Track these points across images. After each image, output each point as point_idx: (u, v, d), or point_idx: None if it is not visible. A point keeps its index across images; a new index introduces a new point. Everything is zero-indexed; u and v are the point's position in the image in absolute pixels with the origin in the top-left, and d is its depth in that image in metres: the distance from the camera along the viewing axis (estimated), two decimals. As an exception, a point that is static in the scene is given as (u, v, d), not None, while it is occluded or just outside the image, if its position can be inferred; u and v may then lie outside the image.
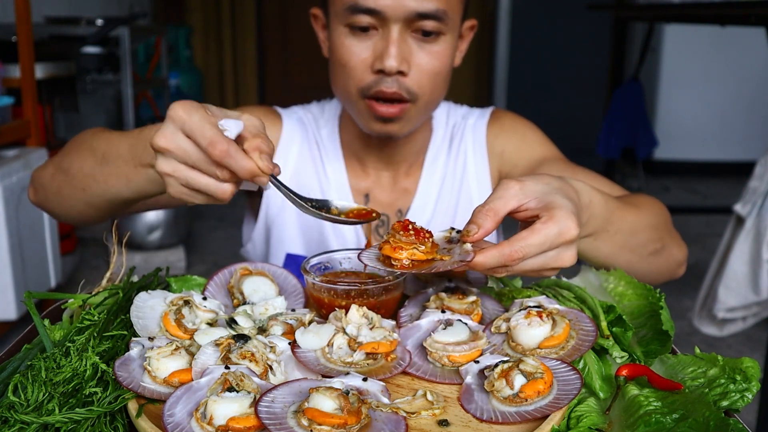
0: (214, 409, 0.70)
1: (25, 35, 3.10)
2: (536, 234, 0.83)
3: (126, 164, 1.04)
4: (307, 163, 1.42)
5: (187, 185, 0.86)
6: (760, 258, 2.74)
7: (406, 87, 1.22)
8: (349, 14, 1.20)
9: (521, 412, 0.74)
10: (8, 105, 3.05)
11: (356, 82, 1.23)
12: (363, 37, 1.21)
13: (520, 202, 0.86)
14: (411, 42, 1.21)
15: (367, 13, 1.18)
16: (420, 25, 1.20)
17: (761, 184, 2.73)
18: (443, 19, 1.20)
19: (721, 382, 0.78)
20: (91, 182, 1.10)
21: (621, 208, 1.08)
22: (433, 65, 1.23)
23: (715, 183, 6.09)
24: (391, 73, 1.20)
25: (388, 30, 1.19)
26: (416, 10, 1.17)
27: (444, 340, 0.86)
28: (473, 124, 1.45)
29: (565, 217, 0.84)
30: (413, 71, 1.22)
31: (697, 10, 3.34)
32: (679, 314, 3.41)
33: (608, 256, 1.09)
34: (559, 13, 6.87)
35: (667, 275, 1.26)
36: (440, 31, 1.22)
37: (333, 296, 0.95)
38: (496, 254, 0.82)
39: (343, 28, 1.22)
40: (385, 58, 1.18)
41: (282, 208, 1.42)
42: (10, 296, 2.91)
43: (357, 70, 1.22)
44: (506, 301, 1.00)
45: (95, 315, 0.92)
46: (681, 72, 6.47)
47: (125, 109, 4.32)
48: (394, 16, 1.17)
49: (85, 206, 1.16)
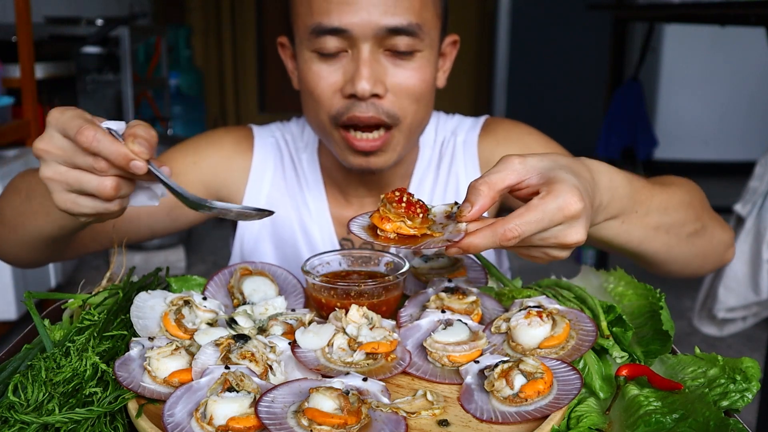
0: (214, 409, 0.70)
1: (25, 35, 3.10)
2: (533, 210, 0.76)
3: (45, 198, 0.98)
4: (283, 192, 1.34)
5: (70, 187, 0.83)
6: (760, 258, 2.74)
7: (385, 110, 1.12)
8: (314, 38, 1.11)
9: (521, 412, 0.74)
10: (8, 105, 3.05)
11: (326, 109, 1.14)
12: (332, 62, 1.12)
13: (520, 178, 0.79)
14: (384, 61, 1.12)
15: (333, 33, 1.09)
16: (392, 44, 1.10)
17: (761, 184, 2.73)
18: (417, 34, 1.11)
19: (721, 382, 0.78)
20: (20, 221, 1.08)
21: (648, 186, 0.99)
22: (412, 84, 1.13)
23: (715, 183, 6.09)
24: (364, 97, 1.10)
25: (357, 51, 1.10)
26: (386, 26, 1.08)
27: (444, 340, 0.86)
28: (464, 141, 1.35)
29: (566, 191, 0.76)
30: (390, 93, 1.12)
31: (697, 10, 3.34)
32: (679, 314, 3.41)
33: (642, 239, 1.00)
34: (559, 13, 6.88)
35: (716, 260, 1.16)
36: (415, 48, 1.12)
37: (333, 296, 0.95)
38: (488, 234, 0.75)
39: (309, 53, 1.14)
40: (357, 81, 1.09)
41: (258, 240, 1.36)
42: (10, 296, 2.91)
43: (325, 96, 1.13)
44: (506, 301, 1.00)
45: (95, 315, 0.92)
46: (681, 72, 6.47)
47: (125, 109, 4.31)
48: (362, 34, 1.09)
49: (20, 247, 1.12)
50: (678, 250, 1.07)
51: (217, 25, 6.72)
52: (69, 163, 0.82)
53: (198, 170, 1.30)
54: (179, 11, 6.65)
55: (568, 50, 6.99)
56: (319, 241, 1.33)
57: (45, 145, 0.82)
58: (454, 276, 1.05)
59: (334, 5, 1.08)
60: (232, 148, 1.35)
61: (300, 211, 1.34)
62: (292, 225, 1.34)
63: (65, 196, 0.84)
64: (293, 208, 1.34)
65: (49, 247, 1.11)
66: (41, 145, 0.82)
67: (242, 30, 6.77)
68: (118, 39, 4.19)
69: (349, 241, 1.33)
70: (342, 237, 1.34)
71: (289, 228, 1.34)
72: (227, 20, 6.70)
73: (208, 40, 6.76)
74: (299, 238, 1.34)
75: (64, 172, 0.82)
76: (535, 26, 6.97)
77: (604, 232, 0.95)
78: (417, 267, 1.08)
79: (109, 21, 4.28)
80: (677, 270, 1.14)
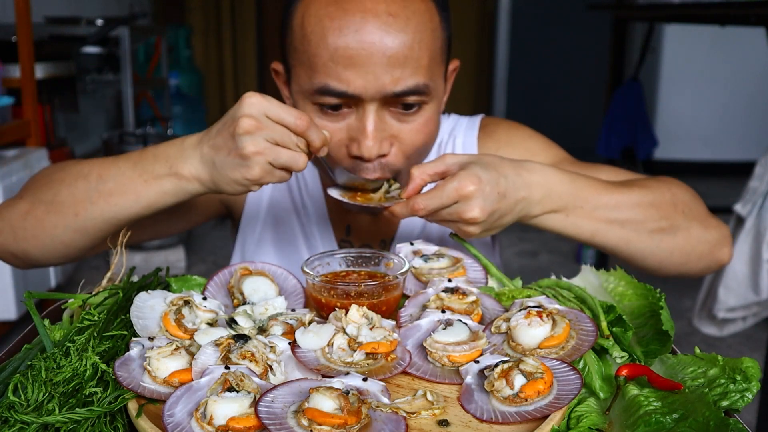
0: (214, 409, 0.70)
1: (25, 35, 3.10)
2: (436, 189, 0.98)
3: (131, 181, 1.06)
4: (284, 194, 1.35)
5: (272, 162, 0.97)
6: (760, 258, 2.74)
7: (390, 167, 1.12)
8: (318, 95, 1.09)
9: (521, 412, 0.74)
10: (8, 105, 3.05)
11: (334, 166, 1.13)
12: (335, 117, 1.10)
13: (447, 168, 1.00)
14: (389, 118, 1.10)
15: (338, 96, 1.07)
16: (400, 101, 1.08)
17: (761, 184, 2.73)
18: (425, 93, 1.09)
19: (721, 382, 0.78)
20: (86, 205, 1.09)
21: (596, 185, 1.09)
22: (418, 140, 1.13)
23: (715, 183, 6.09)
24: (370, 160, 1.09)
25: (363, 110, 1.08)
26: (393, 92, 1.06)
27: (444, 340, 0.86)
28: (463, 143, 1.34)
29: (465, 176, 0.96)
30: (395, 148, 1.12)
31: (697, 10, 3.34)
32: (679, 314, 3.41)
33: (594, 232, 1.09)
34: (559, 13, 6.88)
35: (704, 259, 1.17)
36: (423, 102, 1.11)
37: (333, 296, 0.95)
38: (404, 205, 1.00)
39: (311, 105, 1.11)
40: (362, 141, 1.08)
41: (259, 242, 1.36)
42: (10, 296, 2.91)
43: (334, 155, 1.12)
44: (506, 301, 1.00)
45: (95, 315, 0.92)
46: (681, 72, 6.47)
47: (125, 109, 4.32)
48: (369, 97, 1.06)
49: (74, 233, 1.12)
50: (640, 245, 1.12)
51: (217, 25, 6.72)
52: (273, 140, 0.96)
53: None
54: (179, 11, 6.65)
55: (568, 50, 6.99)
56: (319, 242, 1.33)
57: (254, 124, 0.96)
58: (454, 276, 1.05)
59: (340, 67, 1.05)
60: None
61: (300, 213, 1.34)
62: (293, 228, 1.35)
63: (265, 168, 0.97)
64: (294, 210, 1.35)
65: (116, 227, 1.11)
66: (250, 125, 0.95)
67: (242, 30, 6.77)
68: (118, 39, 4.20)
69: (348, 242, 1.34)
70: (341, 239, 1.34)
71: (289, 231, 1.35)
72: (227, 20, 6.70)
73: (208, 40, 6.76)
74: (300, 240, 1.34)
75: (270, 148, 0.96)
76: (535, 26, 6.97)
77: (549, 223, 1.08)
78: (417, 267, 1.08)
79: (109, 21, 4.28)
80: (654, 266, 1.17)
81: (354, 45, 1.04)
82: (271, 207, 1.35)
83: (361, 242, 1.34)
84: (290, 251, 1.35)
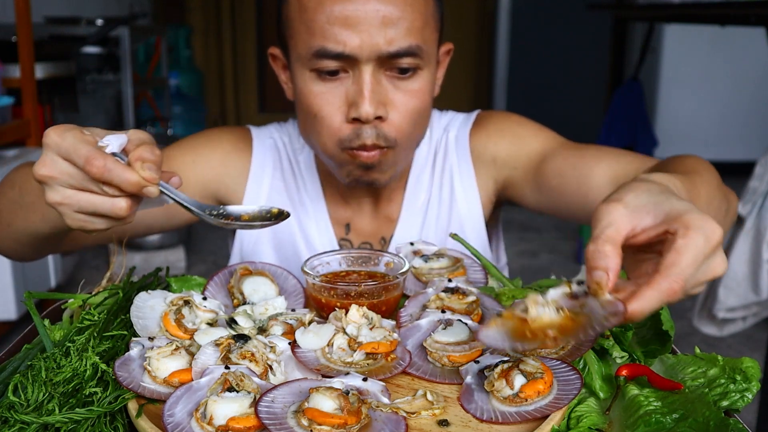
0: (214, 409, 0.70)
1: (25, 35, 3.10)
2: (685, 252, 0.67)
3: (39, 196, 0.96)
4: (282, 193, 1.35)
5: (81, 210, 0.81)
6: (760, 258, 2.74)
7: (384, 134, 1.13)
8: (315, 59, 1.10)
9: (521, 412, 0.74)
10: (8, 105, 3.05)
11: (333, 134, 1.14)
12: (333, 82, 1.12)
13: (634, 223, 0.71)
14: (386, 82, 1.12)
15: (335, 58, 1.09)
16: (395, 64, 1.10)
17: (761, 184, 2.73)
18: (419, 54, 1.11)
19: (721, 382, 0.78)
20: (13, 217, 1.07)
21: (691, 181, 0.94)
22: (413, 105, 1.14)
23: (715, 183, 6.08)
24: (368, 121, 1.10)
25: (359, 72, 1.09)
26: (388, 51, 1.08)
27: (444, 340, 0.86)
28: (455, 137, 1.34)
29: (702, 220, 0.68)
30: (392, 114, 1.13)
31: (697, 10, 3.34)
32: (679, 314, 3.41)
33: None
34: (559, 13, 6.88)
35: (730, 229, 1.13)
36: (417, 66, 1.12)
37: (333, 296, 0.95)
38: (654, 295, 0.67)
39: (309, 73, 1.12)
40: (360, 104, 1.09)
41: (257, 242, 1.36)
42: (10, 296, 2.91)
43: (333, 121, 1.13)
44: (506, 301, 1.00)
45: (95, 315, 0.92)
46: (681, 72, 6.47)
47: (125, 109, 4.31)
48: (364, 57, 1.08)
49: (13, 242, 1.11)
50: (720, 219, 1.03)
51: (217, 25, 6.72)
52: (77, 187, 0.80)
53: (197, 169, 1.30)
54: (179, 11, 6.66)
55: (568, 50, 6.99)
56: (318, 241, 1.33)
57: (48, 170, 0.79)
58: (454, 276, 1.05)
59: (336, 28, 1.08)
60: (231, 147, 1.35)
61: (298, 212, 1.34)
62: (291, 226, 1.34)
63: (77, 217, 0.82)
64: (292, 209, 1.34)
65: (42, 243, 1.11)
66: (44, 171, 0.79)
67: (242, 30, 6.77)
68: (118, 39, 4.19)
69: (348, 241, 1.34)
70: (341, 237, 1.34)
71: (288, 229, 1.34)
72: (227, 20, 6.70)
73: (208, 40, 6.76)
74: (298, 239, 1.34)
75: (73, 195, 0.80)
76: (535, 26, 6.97)
77: None
78: (417, 267, 1.08)
79: (109, 21, 4.28)
80: None
81: (349, 7, 1.07)
82: (268, 204, 1.34)
83: (360, 241, 1.34)
84: (289, 249, 1.35)
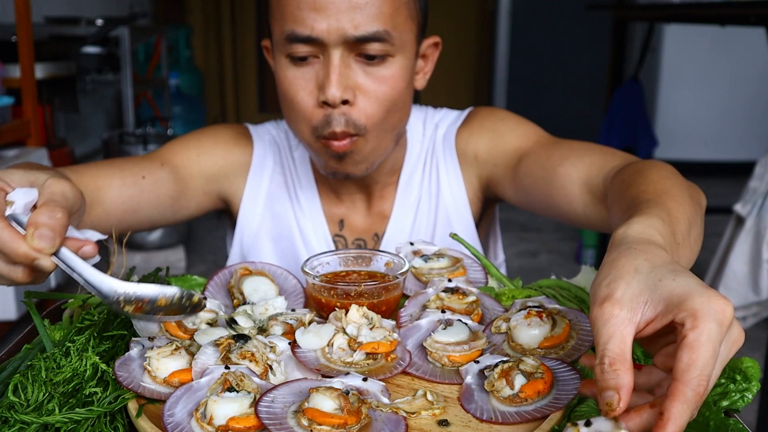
0: (214, 409, 0.70)
1: (25, 35, 3.10)
2: (698, 348, 0.60)
3: None
4: (281, 189, 1.37)
5: None
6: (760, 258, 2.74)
7: (353, 121, 1.13)
8: (288, 44, 1.12)
9: (521, 412, 0.74)
10: (8, 105, 3.05)
11: (307, 120, 1.15)
12: (304, 67, 1.14)
13: (635, 322, 0.64)
14: (355, 67, 1.13)
15: (304, 42, 1.11)
16: (363, 49, 1.11)
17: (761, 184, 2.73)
18: (387, 40, 1.11)
19: (721, 382, 0.78)
20: None
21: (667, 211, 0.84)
22: (381, 91, 1.13)
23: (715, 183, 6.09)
24: (335, 105, 1.11)
25: (328, 56, 1.11)
26: (353, 36, 1.09)
27: (444, 340, 0.86)
28: (443, 134, 1.35)
29: (708, 302, 0.61)
30: (360, 99, 1.13)
31: (697, 10, 3.35)
32: (679, 314, 3.40)
33: (690, 260, 0.90)
34: (559, 13, 6.88)
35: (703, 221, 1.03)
36: (387, 53, 1.12)
37: (333, 296, 0.95)
38: (682, 409, 0.59)
39: (284, 59, 1.15)
40: (327, 87, 1.10)
41: (257, 237, 1.37)
42: (10, 296, 2.91)
43: (306, 106, 1.14)
44: (506, 301, 1.00)
45: (95, 315, 0.92)
46: (681, 72, 6.47)
47: (125, 109, 4.31)
48: (332, 41, 1.09)
49: None
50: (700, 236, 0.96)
51: (217, 25, 6.73)
52: None
53: (201, 163, 1.32)
54: (179, 11, 6.65)
55: (568, 50, 6.99)
56: (313, 237, 1.35)
57: None
58: (454, 276, 1.05)
59: (305, 12, 1.09)
60: (233, 142, 1.37)
61: (294, 207, 1.36)
62: (289, 222, 1.36)
63: None
64: (289, 205, 1.36)
65: None
66: None
67: (242, 30, 6.78)
68: (118, 39, 4.19)
69: (342, 237, 1.35)
70: (335, 233, 1.36)
71: (286, 224, 1.36)
72: (227, 20, 6.70)
73: (208, 40, 6.76)
74: (295, 235, 1.35)
75: None
76: (535, 26, 6.97)
77: None
78: (417, 267, 1.08)
79: (109, 21, 4.28)
80: None
81: None
82: (268, 200, 1.36)
83: (354, 237, 1.35)
84: (286, 245, 1.36)
